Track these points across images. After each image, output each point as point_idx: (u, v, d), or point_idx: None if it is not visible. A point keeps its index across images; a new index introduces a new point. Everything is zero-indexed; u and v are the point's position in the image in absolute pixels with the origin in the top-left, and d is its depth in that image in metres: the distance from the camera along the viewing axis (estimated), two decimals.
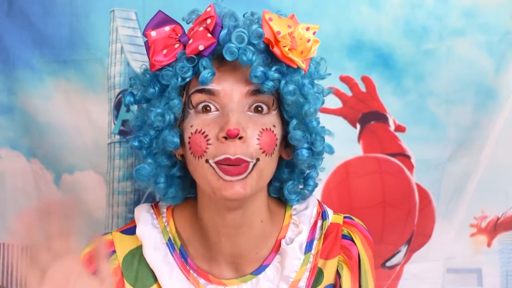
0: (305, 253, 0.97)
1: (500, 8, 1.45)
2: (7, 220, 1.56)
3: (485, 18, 1.45)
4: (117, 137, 1.52)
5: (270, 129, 0.89)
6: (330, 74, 0.99)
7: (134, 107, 1.48)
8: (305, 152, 0.93)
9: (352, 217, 1.08)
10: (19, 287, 1.56)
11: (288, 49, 0.87)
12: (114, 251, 1.00)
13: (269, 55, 0.89)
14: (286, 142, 0.96)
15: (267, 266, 0.97)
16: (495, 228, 1.53)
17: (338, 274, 0.99)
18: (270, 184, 1.01)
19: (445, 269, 1.53)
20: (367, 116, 1.50)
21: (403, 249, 1.52)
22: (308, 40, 0.91)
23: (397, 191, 1.49)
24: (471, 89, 1.47)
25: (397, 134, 1.50)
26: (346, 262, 0.99)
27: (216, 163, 0.86)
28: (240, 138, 0.85)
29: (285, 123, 0.94)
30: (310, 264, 0.97)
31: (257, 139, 0.87)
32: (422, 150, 1.49)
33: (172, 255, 0.98)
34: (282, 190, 1.02)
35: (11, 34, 1.49)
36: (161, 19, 0.92)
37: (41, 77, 1.51)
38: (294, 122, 0.92)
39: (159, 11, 0.95)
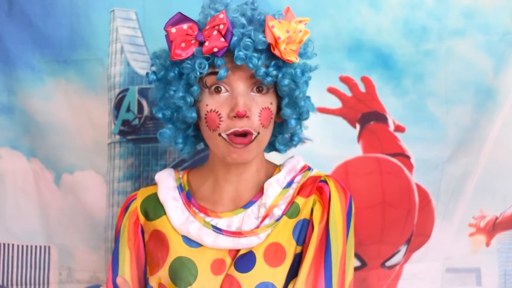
0: (283, 188, 1.17)
1: (499, 8, 1.46)
2: (7, 220, 1.56)
3: (484, 18, 1.46)
4: (117, 137, 1.52)
5: (268, 107, 1.12)
6: (316, 54, 1.16)
7: (134, 108, 1.50)
8: (293, 122, 1.17)
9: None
10: (19, 287, 1.56)
11: (286, 44, 1.06)
12: (135, 198, 1.24)
13: (269, 52, 1.08)
14: (278, 109, 1.16)
15: (254, 202, 1.17)
16: (494, 227, 1.53)
17: (312, 210, 1.15)
18: None
19: (444, 268, 1.54)
20: (367, 116, 1.50)
21: (403, 249, 1.52)
22: (300, 31, 1.09)
23: (396, 191, 1.50)
24: (470, 89, 1.47)
25: (397, 134, 1.50)
26: (318, 198, 1.15)
27: (227, 135, 1.09)
28: (247, 117, 1.08)
29: (279, 98, 1.16)
30: (287, 199, 1.16)
31: (258, 116, 1.10)
32: (422, 150, 1.49)
33: (180, 194, 1.21)
34: (274, 145, 1.24)
35: (11, 34, 1.50)
36: (179, 18, 1.10)
37: (41, 77, 1.51)
38: (286, 100, 1.14)
39: (179, 12, 1.10)
